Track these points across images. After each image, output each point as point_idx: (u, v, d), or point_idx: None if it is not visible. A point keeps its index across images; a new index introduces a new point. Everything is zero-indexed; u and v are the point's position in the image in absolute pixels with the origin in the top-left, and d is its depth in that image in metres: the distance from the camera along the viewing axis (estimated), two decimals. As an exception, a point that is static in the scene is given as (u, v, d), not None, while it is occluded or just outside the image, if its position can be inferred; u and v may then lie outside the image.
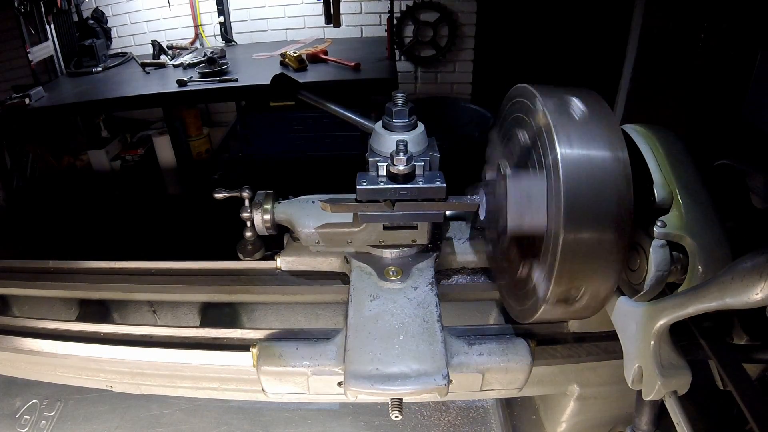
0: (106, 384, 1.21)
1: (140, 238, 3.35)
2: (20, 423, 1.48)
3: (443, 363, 0.92)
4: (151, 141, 4.01)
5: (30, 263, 1.37)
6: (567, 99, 0.83)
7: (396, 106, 1.05)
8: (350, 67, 3.52)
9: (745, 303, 0.61)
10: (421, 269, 1.13)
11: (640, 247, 0.86)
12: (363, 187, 1.00)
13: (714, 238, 0.80)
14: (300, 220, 1.17)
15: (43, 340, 1.15)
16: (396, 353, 0.93)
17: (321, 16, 3.46)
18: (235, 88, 3.34)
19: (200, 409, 1.50)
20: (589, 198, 0.76)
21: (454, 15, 4.14)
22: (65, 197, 3.86)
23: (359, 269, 1.14)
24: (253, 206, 1.17)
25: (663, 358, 0.80)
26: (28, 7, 3.55)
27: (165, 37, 4.24)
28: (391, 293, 1.07)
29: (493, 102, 1.08)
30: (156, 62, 3.86)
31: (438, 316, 1.01)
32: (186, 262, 1.32)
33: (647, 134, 0.90)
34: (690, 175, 0.85)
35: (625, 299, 0.87)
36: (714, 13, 3.04)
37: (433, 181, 1.00)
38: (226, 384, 1.14)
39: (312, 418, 1.47)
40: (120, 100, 3.38)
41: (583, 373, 1.15)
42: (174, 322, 1.40)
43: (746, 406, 0.70)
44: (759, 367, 0.98)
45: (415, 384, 0.89)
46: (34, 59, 3.66)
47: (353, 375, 0.90)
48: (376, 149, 1.06)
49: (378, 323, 0.99)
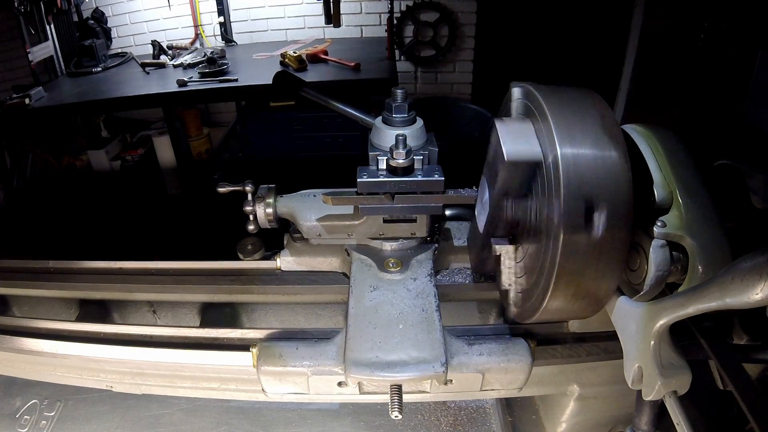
0: (106, 384, 1.21)
1: (140, 238, 3.35)
2: (20, 423, 1.48)
3: (441, 351, 0.94)
4: (151, 141, 4.01)
5: (30, 263, 1.37)
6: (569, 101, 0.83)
7: (395, 102, 1.07)
8: (350, 67, 3.52)
9: (745, 303, 0.61)
10: (420, 261, 1.15)
11: (640, 247, 0.86)
12: (363, 180, 1.02)
13: (714, 238, 0.80)
14: (302, 213, 1.19)
15: (43, 340, 1.15)
16: (396, 341, 0.95)
17: (321, 16, 3.47)
18: (235, 88, 3.34)
19: (200, 409, 1.50)
20: (589, 198, 0.76)
21: (454, 15, 4.14)
22: (65, 197, 3.86)
23: (360, 261, 1.16)
24: (255, 200, 1.19)
25: (663, 358, 0.80)
26: (28, 7, 3.55)
27: (165, 37, 4.24)
28: (391, 284, 1.09)
29: (493, 102, 1.08)
30: (156, 62, 3.86)
31: (436, 306, 1.03)
32: (186, 262, 1.32)
33: (647, 134, 0.90)
34: (690, 175, 0.85)
35: (625, 299, 0.87)
36: (714, 13, 3.04)
37: (431, 174, 1.03)
38: (226, 384, 1.14)
39: (312, 418, 1.47)
40: (120, 100, 3.38)
41: (583, 373, 1.15)
42: (174, 322, 1.40)
43: (746, 406, 0.70)
44: (759, 367, 0.98)
45: (414, 371, 0.91)
46: (34, 59, 3.66)
47: (354, 362, 0.92)
48: (376, 144, 1.09)
49: (378, 313, 1.02)
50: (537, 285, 0.87)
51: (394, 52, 4.03)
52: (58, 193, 3.91)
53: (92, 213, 3.69)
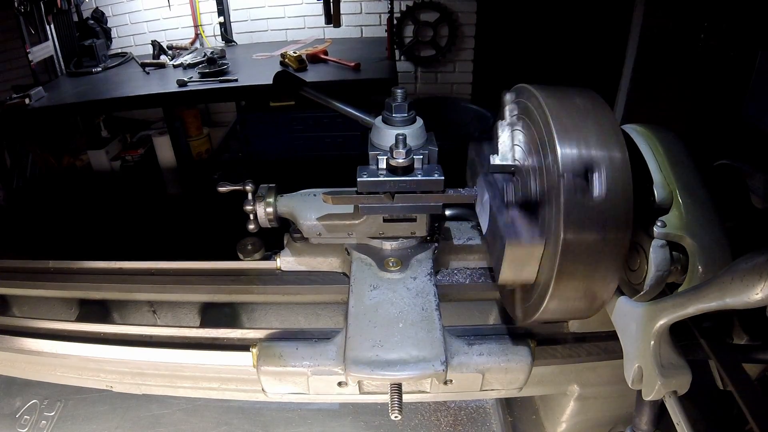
0: (106, 384, 1.21)
1: (140, 238, 3.35)
2: (20, 423, 1.48)
3: (441, 349, 0.93)
4: (151, 141, 4.01)
5: (30, 263, 1.37)
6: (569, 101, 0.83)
7: (395, 101, 1.07)
8: (350, 67, 3.53)
9: (745, 303, 0.61)
10: (420, 260, 1.15)
11: (640, 247, 0.86)
12: (363, 179, 1.02)
13: (714, 238, 0.80)
14: (302, 213, 1.19)
15: (43, 340, 1.15)
16: (396, 340, 0.95)
17: (321, 16, 3.47)
18: (235, 88, 3.35)
19: (200, 409, 1.50)
20: (589, 198, 0.76)
21: (454, 15, 4.14)
22: (65, 197, 3.86)
23: (360, 260, 1.16)
24: (256, 199, 1.19)
25: (663, 358, 0.80)
26: (28, 7, 3.55)
27: (165, 37, 4.25)
28: (391, 283, 1.09)
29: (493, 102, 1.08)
30: (156, 62, 3.86)
31: (436, 305, 1.03)
32: (186, 262, 1.32)
33: (647, 134, 0.90)
34: (690, 175, 0.85)
35: (625, 299, 0.87)
36: (714, 13, 3.04)
37: (431, 174, 1.02)
38: (226, 384, 1.14)
39: (312, 418, 1.47)
40: (120, 100, 3.38)
41: (583, 373, 1.15)
42: (174, 322, 1.40)
43: (746, 406, 0.70)
44: (759, 367, 0.98)
45: (414, 369, 0.91)
46: (34, 59, 3.67)
47: (354, 361, 0.92)
48: (376, 143, 1.09)
49: (378, 312, 1.01)
50: (537, 285, 0.87)
51: (394, 52, 4.03)
52: (58, 193, 3.91)
53: (92, 213, 3.69)
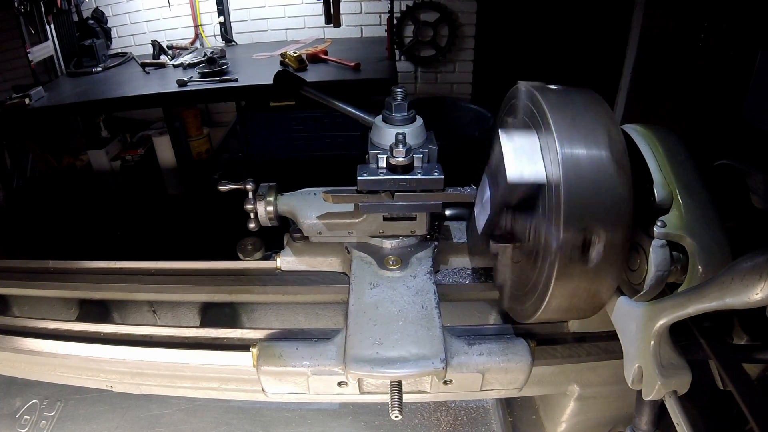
0: (106, 384, 1.21)
1: (140, 238, 3.35)
2: (20, 423, 1.48)
3: (441, 347, 0.94)
4: (151, 141, 4.01)
5: (30, 263, 1.37)
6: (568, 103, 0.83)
7: (395, 100, 1.08)
8: (350, 67, 3.52)
9: (745, 303, 0.61)
10: (420, 259, 1.15)
11: (640, 247, 0.86)
12: (363, 178, 1.02)
13: (714, 238, 0.80)
14: (302, 211, 1.19)
15: (43, 340, 1.15)
16: (395, 338, 0.96)
17: (321, 16, 3.46)
18: (235, 88, 3.34)
19: (200, 409, 1.50)
20: (589, 198, 0.76)
21: (454, 15, 4.13)
22: (65, 197, 3.86)
23: (360, 259, 1.16)
24: (256, 198, 1.19)
25: (663, 358, 0.80)
26: (28, 7, 3.55)
27: (165, 37, 4.24)
28: (391, 281, 1.09)
29: (493, 102, 1.08)
30: (156, 62, 3.86)
31: (436, 303, 1.03)
32: (186, 262, 1.32)
33: (647, 134, 0.90)
34: (690, 175, 0.85)
35: (625, 299, 0.87)
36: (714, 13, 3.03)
37: (431, 173, 1.03)
38: (226, 384, 1.14)
39: (312, 418, 1.47)
40: (120, 100, 3.38)
41: (583, 373, 1.15)
42: (174, 322, 1.40)
43: (746, 406, 0.70)
44: (759, 367, 0.98)
45: (414, 367, 0.91)
46: (34, 59, 3.66)
47: (354, 359, 0.92)
48: (376, 142, 1.09)
49: (378, 310, 1.02)
50: (536, 287, 0.87)
51: (394, 52, 4.02)
52: (58, 193, 3.91)
53: (92, 213, 3.69)
